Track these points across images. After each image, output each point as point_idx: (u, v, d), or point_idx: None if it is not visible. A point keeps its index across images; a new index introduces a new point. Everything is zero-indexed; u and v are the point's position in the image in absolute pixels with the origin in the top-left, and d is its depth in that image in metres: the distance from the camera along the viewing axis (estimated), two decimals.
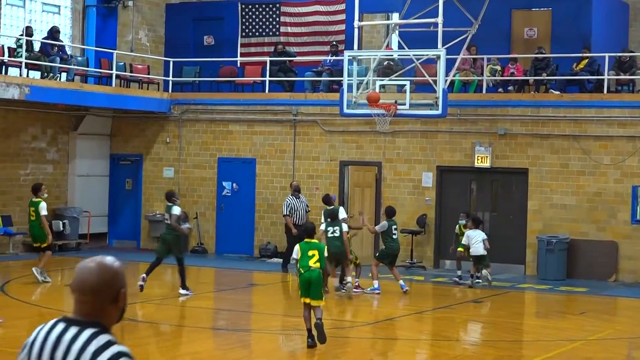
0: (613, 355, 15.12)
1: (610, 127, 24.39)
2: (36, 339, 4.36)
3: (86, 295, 4.32)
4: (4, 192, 27.04)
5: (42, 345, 4.35)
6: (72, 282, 4.36)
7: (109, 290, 4.36)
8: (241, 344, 15.91)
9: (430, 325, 18.40)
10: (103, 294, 4.33)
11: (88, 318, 4.34)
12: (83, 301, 4.33)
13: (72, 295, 4.34)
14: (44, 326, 4.38)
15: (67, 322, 4.34)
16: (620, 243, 24.14)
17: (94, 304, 4.34)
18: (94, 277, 4.32)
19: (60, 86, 25.81)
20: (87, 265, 4.36)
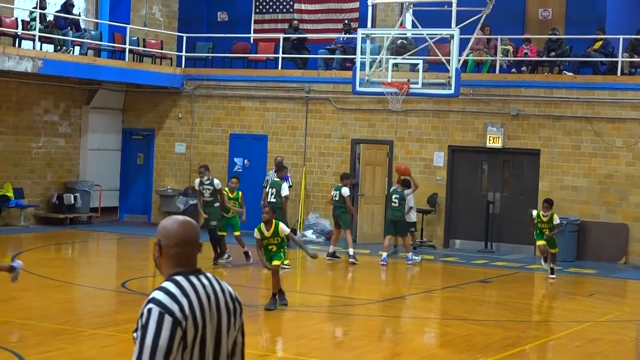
0: (621, 337, 15.09)
1: (623, 110, 24.30)
2: (195, 303, 4.56)
3: (194, 248, 4.71)
4: (16, 165, 27.08)
5: (211, 300, 4.63)
6: (182, 239, 4.68)
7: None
8: (249, 319, 15.92)
9: (439, 304, 18.39)
10: (200, 245, 4.76)
11: (197, 266, 4.73)
12: (193, 253, 4.71)
13: (179, 249, 4.66)
14: (183, 290, 4.57)
15: (201, 273, 4.69)
16: (631, 225, 24.09)
17: (197, 254, 4.74)
18: (196, 231, 4.73)
19: (73, 60, 25.79)
20: (183, 222, 4.74)
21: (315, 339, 14.13)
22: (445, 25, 23.34)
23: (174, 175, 29.22)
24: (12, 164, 27.01)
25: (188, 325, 4.47)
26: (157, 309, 4.45)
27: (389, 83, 23.26)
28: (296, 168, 27.46)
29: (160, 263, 4.71)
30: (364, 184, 26.55)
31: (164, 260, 4.69)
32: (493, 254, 24.88)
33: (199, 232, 4.75)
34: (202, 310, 4.54)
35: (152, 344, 4.38)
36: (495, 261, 23.71)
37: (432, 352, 13.75)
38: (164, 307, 4.46)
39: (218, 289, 4.66)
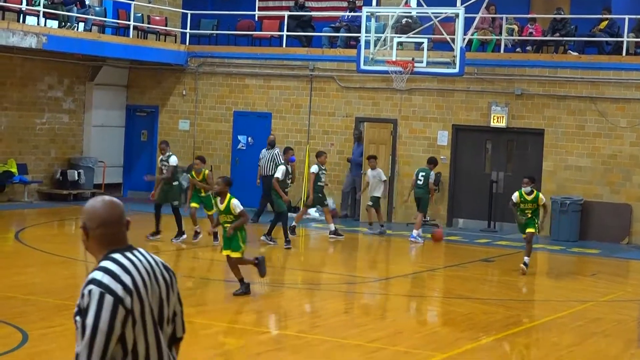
0: (623, 316, 15.09)
1: (628, 90, 24.25)
2: (137, 277, 4.58)
3: (120, 227, 4.70)
4: (20, 141, 27.07)
5: (150, 273, 4.66)
6: (106, 219, 4.67)
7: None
8: (252, 296, 15.94)
9: (441, 283, 18.40)
10: (127, 223, 4.76)
11: (128, 243, 4.74)
12: (121, 231, 4.70)
13: (105, 230, 4.65)
14: (123, 267, 4.57)
15: (134, 249, 4.71)
16: (634, 206, 24.07)
17: (125, 232, 4.74)
18: (120, 210, 4.72)
19: (77, 36, 25.74)
20: (105, 202, 4.72)
21: (317, 316, 14.15)
22: (451, 4, 23.30)
23: (177, 152, 29.01)
24: (16, 139, 27.00)
25: (134, 301, 4.47)
26: (97, 290, 4.44)
27: (394, 62, 23.23)
28: (300, 146, 27.44)
29: (89, 246, 4.69)
30: (366, 163, 26.48)
31: (92, 242, 4.68)
32: (496, 234, 24.89)
33: (123, 211, 4.71)
34: (144, 284, 4.55)
35: (92, 326, 4.38)
36: (498, 240, 23.72)
37: (434, 330, 13.76)
38: (104, 287, 4.44)
39: (152, 262, 4.68)
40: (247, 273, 15.15)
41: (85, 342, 4.38)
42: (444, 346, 12.26)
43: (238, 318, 13.45)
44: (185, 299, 13.25)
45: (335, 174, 27.06)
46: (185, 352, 11.19)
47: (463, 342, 12.55)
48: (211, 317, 13.28)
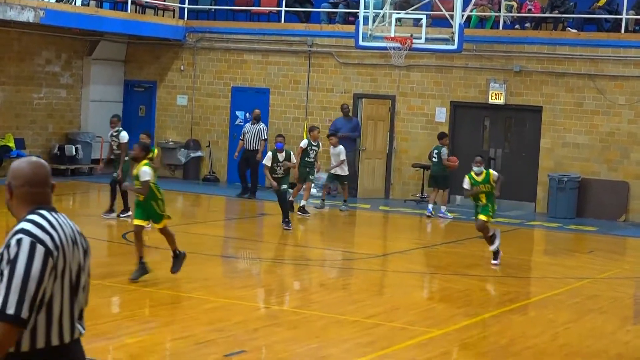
0: (619, 294, 15.15)
1: (627, 67, 24.23)
2: (62, 235, 4.57)
3: (45, 187, 4.70)
4: (17, 115, 27.05)
5: (72, 238, 4.64)
6: (31, 178, 4.66)
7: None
8: (250, 272, 15.98)
9: (439, 259, 18.43)
10: (52, 186, 4.74)
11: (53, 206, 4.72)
12: (46, 192, 4.69)
13: (30, 188, 4.63)
14: (50, 223, 4.56)
15: (57, 211, 4.68)
16: (632, 183, 24.11)
17: (50, 193, 4.73)
18: (46, 170, 4.72)
19: (75, 10, 25.68)
20: (31, 162, 4.71)
21: (315, 292, 14.20)
22: None
23: (175, 128, 29.18)
24: (14, 114, 26.98)
25: (59, 256, 4.48)
26: (27, 239, 4.42)
27: (392, 38, 23.18)
28: (298, 122, 27.45)
29: (12, 205, 4.68)
30: (365, 139, 26.52)
31: (16, 201, 4.66)
32: None
33: (48, 173, 4.70)
34: (68, 244, 4.56)
35: (24, 273, 4.34)
36: (495, 217, 23.68)
37: (431, 306, 13.80)
38: (35, 237, 4.43)
39: (73, 227, 4.68)
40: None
41: (14, 288, 4.32)
42: (440, 322, 12.30)
43: (236, 294, 13.48)
44: (187, 273, 13.29)
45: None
46: (184, 327, 11.28)
47: (459, 318, 12.60)
48: (209, 292, 13.32)
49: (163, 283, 14.16)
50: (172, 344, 10.60)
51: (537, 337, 11.76)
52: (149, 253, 14.46)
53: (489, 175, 16.47)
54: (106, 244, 17.75)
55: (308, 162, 21.94)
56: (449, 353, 10.69)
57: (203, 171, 28.72)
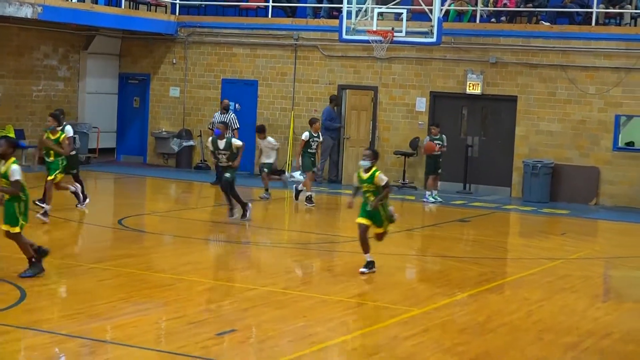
0: (590, 273, 15.20)
1: (597, 59, 24.27)
2: None
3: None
4: (17, 107, 26.97)
5: None
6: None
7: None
8: (240, 255, 15.98)
9: (419, 242, 18.47)
10: None
11: None
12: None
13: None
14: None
15: None
16: (602, 169, 24.17)
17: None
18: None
19: (71, 6, 25.59)
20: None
21: (302, 274, 14.20)
22: None
23: (168, 118, 29.14)
24: (14, 106, 26.90)
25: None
26: None
27: (374, 31, 23.15)
28: (285, 112, 27.46)
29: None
30: (349, 128, 26.54)
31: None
32: (471, 195, 24.97)
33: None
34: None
35: None
36: (473, 202, 23.80)
37: (412, 286, 13.83)
38: None
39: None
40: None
41: None
42: (421, 301, 12.33)
43: (226, 276, 13.48)
44: (179, 257, 13.29)
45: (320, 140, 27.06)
46: (177, 308, 11.28)
47: (439, 297, 12.63)
48: (202, 275, 13.33)
49: (157, 266, 14.17)
50: (166, 324, 10.61)
51: (513, 314, 11.81)
52: (140, 239, 14.39)
53: (373, 177, 13.56)
54: (102, 229, 17.72)
55: (311, 153, 21.73)
56: (429, 330, 10.72)
57: (195, 159, 28.69)
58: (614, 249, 18.16)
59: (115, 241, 16.49)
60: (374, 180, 13.55)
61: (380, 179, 13.53)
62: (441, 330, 10.80)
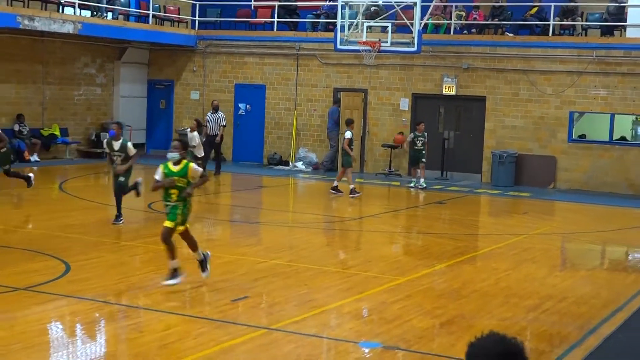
0: (549, 246, 15.22)
1: (553, 64, 24.23)
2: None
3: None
4: (62, 109, 26.94)
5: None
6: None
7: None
8: (252, 233, 15.99)
9: (403, 220, 18.47)
10: None
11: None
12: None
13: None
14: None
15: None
16: (558, 158, 24.17)
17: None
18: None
19: (107, 23, 25.54)
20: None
21: (304, 248, 14.22)
22: None
23: (190, 118, 29.02)
24: (59, 108, 26.87)
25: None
26: None
27: (364, 42, 23.13)
28: (289, 112, 27.44)
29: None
30: (343, 124, 26.49)
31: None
32: (447, 181, 24.97)
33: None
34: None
35: None
36: (449, 186, 23.79)
37: (397, 259, 13.84)
38: None
39: None
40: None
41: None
42: (405, 271, 12.34)
43: (241, 251, 13.50)
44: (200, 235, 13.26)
45: (317, 134, 27.05)
46: (197, 278, 11.25)
47: (420, 268, 12.64)
48: (219, 250, 13.33)
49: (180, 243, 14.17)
50: (189, 292, 10.61)
51: (483, 282, 11.82)
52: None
53: (187, 169, 10.63)
54: (135, 212, 17.73)
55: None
56: (412, 296, 10.73)
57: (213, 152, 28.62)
58: (569, 226, 18.17)
59: (146, 222, 16.50)
60: (187, 173, 10.59)
61: (196, 170, 10.69)
62: (422, 296, 10.81)
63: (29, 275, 10.86)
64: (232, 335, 8.59)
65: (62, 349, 8.24)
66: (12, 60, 25.29)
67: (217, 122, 23.68)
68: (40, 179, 22.47)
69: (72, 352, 8.12)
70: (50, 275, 10.91)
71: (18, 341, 8.15)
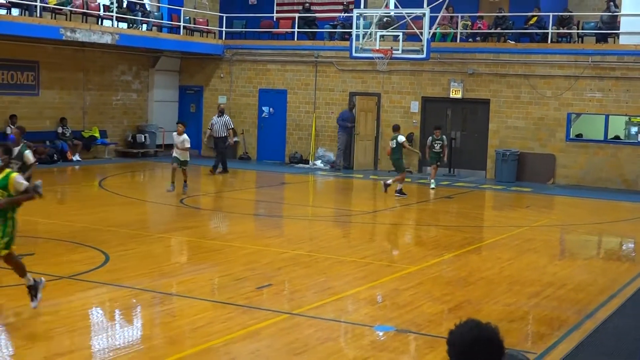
0: (549, 237, 15.13)
1: (552, 69, 24.09)
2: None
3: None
4: (101, 113, 27.04)
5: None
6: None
7: None
8: (275, 226, 15.98)
9: (414, 214, 18.41)
10: None
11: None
12: None
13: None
14: None
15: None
16: (557, 155, 24.03)
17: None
18: None
19: (142, 34, 25.61)
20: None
21: (323, 240, 14.20)
22: (419, 6, 23.09)
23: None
24: (98, 112, 26.97)
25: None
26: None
27: (377, 50, 23.10)
28: (308, 114, 27.43)
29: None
30: (359, 126, 26.46)
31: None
32: (454, 177, 24.88)
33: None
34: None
35: None
36: (456, 182, 23.71)
37: (409, 249, 13.80)
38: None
39: None
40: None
41: None
42: (416, 261, 12.30)
43: (264, 242, 13.50)
44: (227, 228, 13.29)
45: (335, 135, 27.00)
46: (226, 268, 11.26)
47: (430, 257, 12.59)
48: (244, 242, 13.34)
49: (209, 236, 14.19)
50: (217, 280, 10.62)
51: (488, 270, 11.76)
52: (196, 214, 14.31)
53: (7, 179, 8.20)
54: (168, 207, 17.76)
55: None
56: (422, 283, 10.69)
57: (239, 152, 28.69)
58: (568, 218, 18.06)
59: (178, 216, 16.52)
60: (7, 184, 8.18)
61: (19, 182, 8.19)
62: (432, 283, 10.77)
63: (72, 265, 10.90)
64: (257, 320, 8.59)
65: (103, 332, 8.27)
66: (56, 69, 25.41)
67: (224, 125, 23.59)
68: (81, 177, 22.59)
69: (112, 335, 8.15)
70: (91, 265, 10.95)
71: (63, 325, 8.19)
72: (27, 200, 8.39)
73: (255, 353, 7.55)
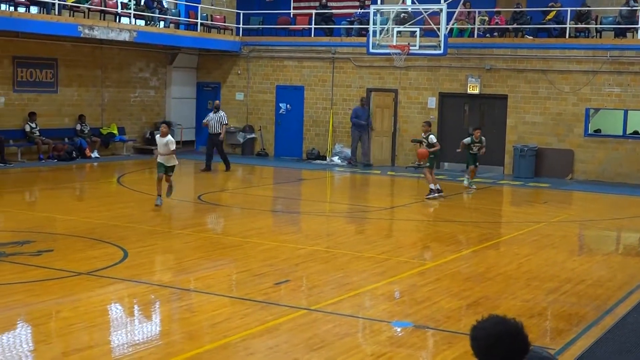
0: (567, 233, 15.06)
1: (570, 64, 23.95)
2: None
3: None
4: (119, 110, 27.15)
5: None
6: None
7: None
8: (292, 222, 15.99)
9: (432, 210, 18.36)
10: None
11: None
12: None
13: None
14: None
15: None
16: (575, 151, 23.90)
17: None
18: None
19: (159, 31, 25.66)
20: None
21: (340, 236, 14.19)
22: (436, 1, 23.02)
23: (235, 117, 29.16)
24: (116, 109, 27.08)
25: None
26: None
27: (394, 46, 23.04)
28: (325, 110, 27.41)
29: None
30: (375, 122, 26.42)
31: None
32: None
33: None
34: None
35: None
36: (474, 178, 23.57)
37: (426, 245, 13.77)
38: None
39: None
40: None
41: None
42: (434, 257, 12.28)
43: (282, 238, 13.51)
44: (245, 224, 13.30)
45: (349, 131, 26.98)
46: (244, 263, 11.28)
47: (448, 253, 12.56)
48: (262, 238, 13.35)
49: (228, 232, 14.22)
50: (235, 276, 10.64)
51: (507, 266, 11.71)
52: (215, 210, 14.35)
53: None
54: (186, 203, 17.82)
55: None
56: (440, 279, 10.67)
57: (256, 148, 28.72)
58: (586, 214, 17.96)
59: (196, 212, 16.57)
60: None
61: None
62: (450, 279, 10.74)
63: (91, 261, 10.95)
64: (275, 316, 8.60)
65: (121, 327, 8.30)
66: (74, 66, 25.53)
67: (219, 121, 23.48)
68: (99, 174, 22.70)
69: (131, 331, 8.18)
70: (109, 261, 11.00)
71: (82, 320, 8.23)
72: None
73: (274, 348, 7.56)
